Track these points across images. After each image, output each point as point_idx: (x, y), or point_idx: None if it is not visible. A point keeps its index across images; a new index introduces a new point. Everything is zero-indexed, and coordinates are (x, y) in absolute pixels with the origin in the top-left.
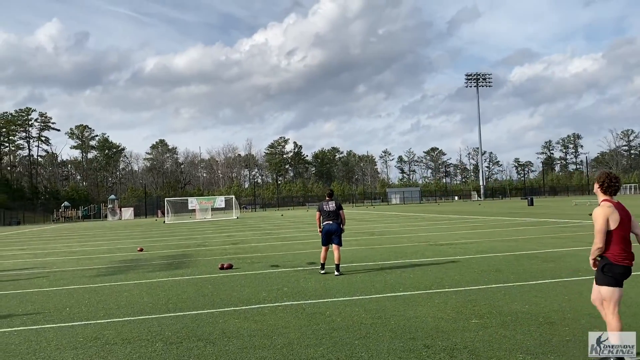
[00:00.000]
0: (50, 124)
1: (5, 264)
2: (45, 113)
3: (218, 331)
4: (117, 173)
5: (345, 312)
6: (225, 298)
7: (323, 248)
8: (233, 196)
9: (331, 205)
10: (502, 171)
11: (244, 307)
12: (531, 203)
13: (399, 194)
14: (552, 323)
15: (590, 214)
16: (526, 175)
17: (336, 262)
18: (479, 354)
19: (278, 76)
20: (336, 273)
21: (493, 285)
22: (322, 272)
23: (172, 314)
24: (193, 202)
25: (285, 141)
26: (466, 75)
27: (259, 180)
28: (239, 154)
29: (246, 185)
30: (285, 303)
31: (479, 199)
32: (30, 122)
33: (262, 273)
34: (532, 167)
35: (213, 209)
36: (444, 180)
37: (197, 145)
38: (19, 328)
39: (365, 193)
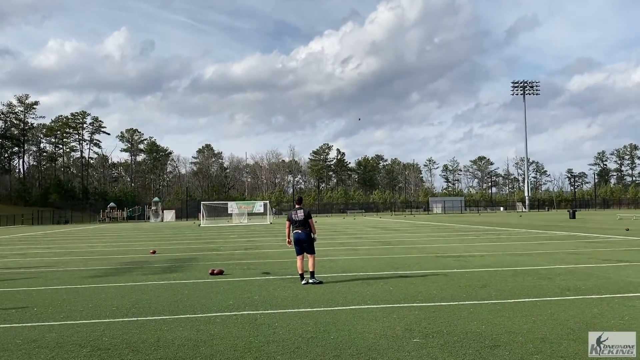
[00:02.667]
0: (102, 128)
1: (20, 262)
2: (97, 117)
3: (153, 339)
4: (165, 176)
5: (293, 324)
6: (191, 305)
7: (298, 258)
8: (267, 202)
9: (300, 214)
10: (551, 181)
11: (199, 315)
12: (573, 216)
13: (441, 204)
14: (496, 346)
15: (628, 229)
16: (579, 187)
17: (311, 270)
18: None
19: (331, 84)
20: (311, 280)
21: (466, 302)
22: (303, 282)
23: (126, 319)
24: (233, 206)
25: (329, 148)
26: (513, 82)
27: (302, 187)
28: (283, 160)
29: (290, 191)
30: (243, 312)
31: (523, 210)
32: (83, 126)
33: (247, 280)
34: (586, 179)
35: (252, 214)
36: (490, 190)
37: (244, 151)
38: None
39: (408, 201)
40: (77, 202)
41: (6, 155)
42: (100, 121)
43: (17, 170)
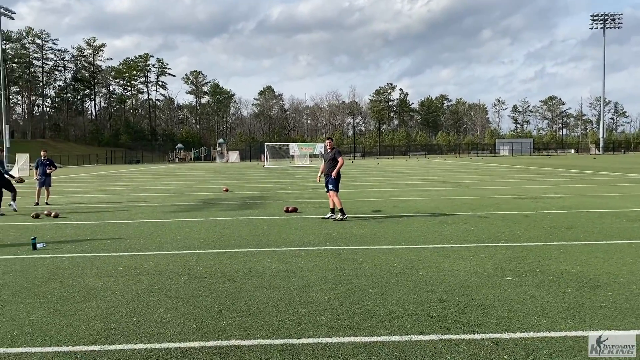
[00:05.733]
0: (167, 70)
1: (103, 197)
2: (162, 59)
3: (245, 269)
4: (227, 118)
5: (378, 260)
6: (272, 239)
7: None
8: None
9: None
10: (629, 122)
11: (283, 249)
12: None
13: (508, 146)
14: (597, 287)
15: None
16: None
17: (333, 207)
18: (491, 312)
19: (398, 22)
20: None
21: (554, 243)
22: (328, 216)
23: (215, 251)
24: (294, 148)
25: (392, 88)
26: (592, 15)
27: (362, 129)
28: (343, 101)
29: (350, 133)
30: (326, 247)
31: (597, 152)
32: (148, 68)
33: (321, 218)
34: None
35: (313, 156)
36: (561, 132)
37: (303, 92)
38: (75, 255)
39: (473, 144)
40: (146, 142)
41: (79, 97)
42: (165, 63)
43: (90, 112)
